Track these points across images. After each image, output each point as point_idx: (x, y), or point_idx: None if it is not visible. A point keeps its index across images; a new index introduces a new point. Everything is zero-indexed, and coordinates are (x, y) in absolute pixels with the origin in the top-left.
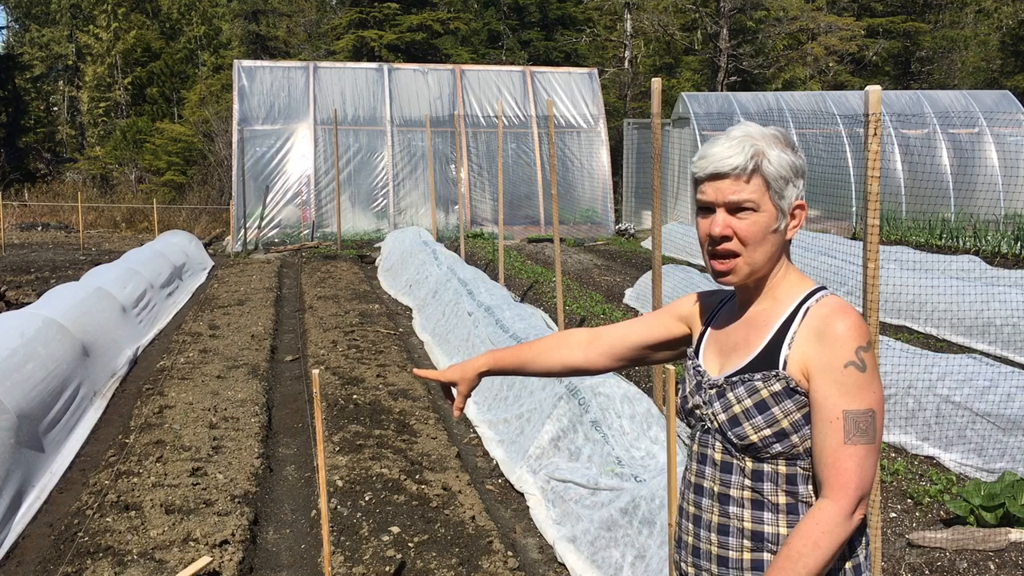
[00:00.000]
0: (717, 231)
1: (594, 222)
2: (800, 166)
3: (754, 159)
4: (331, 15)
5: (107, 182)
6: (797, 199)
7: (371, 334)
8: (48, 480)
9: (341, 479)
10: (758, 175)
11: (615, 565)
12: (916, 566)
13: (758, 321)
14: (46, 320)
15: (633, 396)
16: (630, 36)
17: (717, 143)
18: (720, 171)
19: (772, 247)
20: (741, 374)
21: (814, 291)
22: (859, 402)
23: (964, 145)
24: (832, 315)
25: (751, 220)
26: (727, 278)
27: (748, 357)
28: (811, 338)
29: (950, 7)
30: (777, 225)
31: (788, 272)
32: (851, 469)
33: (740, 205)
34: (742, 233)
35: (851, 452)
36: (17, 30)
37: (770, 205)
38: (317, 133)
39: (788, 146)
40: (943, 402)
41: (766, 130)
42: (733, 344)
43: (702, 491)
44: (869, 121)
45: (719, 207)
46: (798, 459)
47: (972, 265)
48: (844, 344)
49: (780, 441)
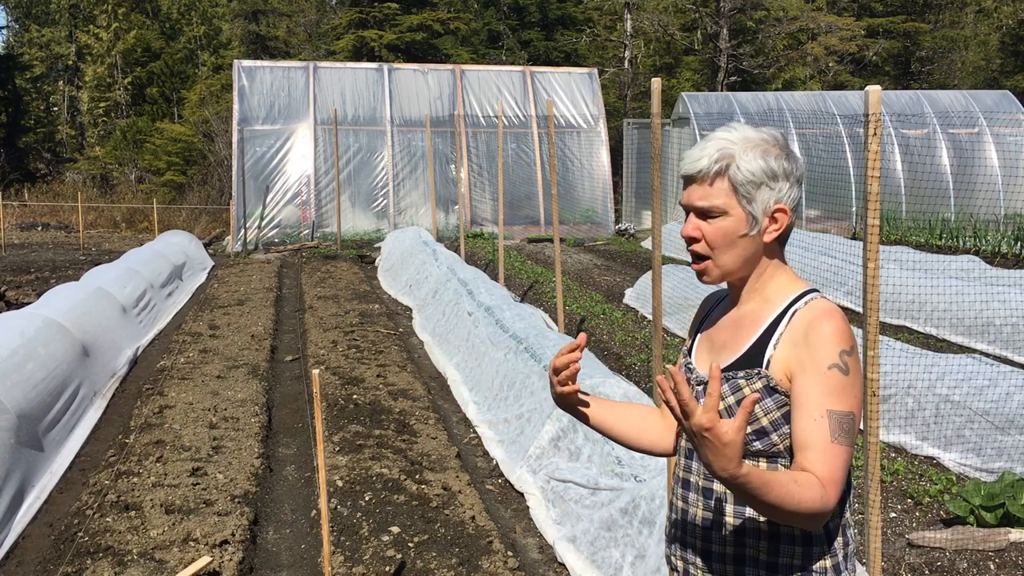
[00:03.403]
0: (686, 232)
1: (594, 222)
2: (780, 170)
3: (720, 163)
4: (331, 15)
5: (107, 182)
6: (776, 203)
7: (371, 334)
8: (48, 480)
9: (341, 479)
10: (723, 179)
11: (615, 565)
12: (916, 566)
13: (746, 321)
14: (46, 320)
15: (633, 396)
16: (630, 36)
17: (696, 146)
18: (688, 173)
19: (742, 251)
20: (726, 372)
21: (804, 293)
22: (842, 404)
23: (964, 145)
24: (818, 318)
25: (716, 225)
26: (702, 278)
27: (734, 355)
28: (796, 340)
29: (950, 7)
30: (747, 230)
31: (778, 272)
32: (838, 468)
33: (706, 211)
34: (708, 237)
35: (837, 451)
36: (17, 30)
37: (739, 210)
38: (317, 133)
39: (772, 149)
40: (943, 402)
41: (751, 133)
42: (722, 342)
43: (688, 485)
44: (869, 121)
45: (691, 210)
46: (778, 457)
47: (972, 265)
48: (828, 347)
49: (760, 439)
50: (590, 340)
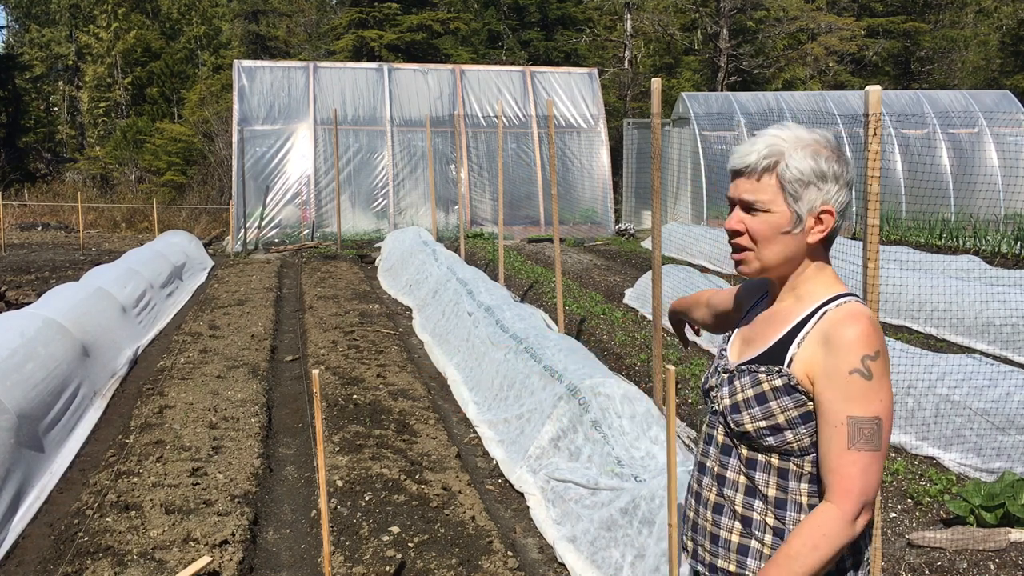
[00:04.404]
0: (730, 225)
1: (594, 222)
2: (829, 172)
3: (768, 159)
4: (331, 15)
5: (107, 182)
6: (823, 204)
7: (371, 334)
8: (48, 480)
9: (341, 479)
10: (771, 175)
11: (615, 565)
12: (916, 566)
13: (777, 318)
14: (46, 320)
15: (633, 396)
16: (630, 36)
17: (747, 141)
18: (736, 167)
19: (784, 247)
20: (750, 364)
21: (839, 296)
22: (864, 409)
23: (964, 145)
24: (842, 322)
25: (761, 219)
26: (740, 268)
27: (760, 349)
28: (819, 342)
29: (950, 7)
30: (791, 228)
31: (818, 274)
32: (854, 475)
33: (751, 205)
34: (752, 230)
35: (855, 458)
36: (17, 30)
37: (784, 207)
38: (317, 133)
39: (823, 151)
40: (943, 402)
41: (803, 133)
42: (753, 336)
43: (704, 470)
44: (869, 121)
45: (736, 203)
46: (791, 455)
47: (972, 265)
48: (850, 351)
49: (774, 435)
50: (590, 340)
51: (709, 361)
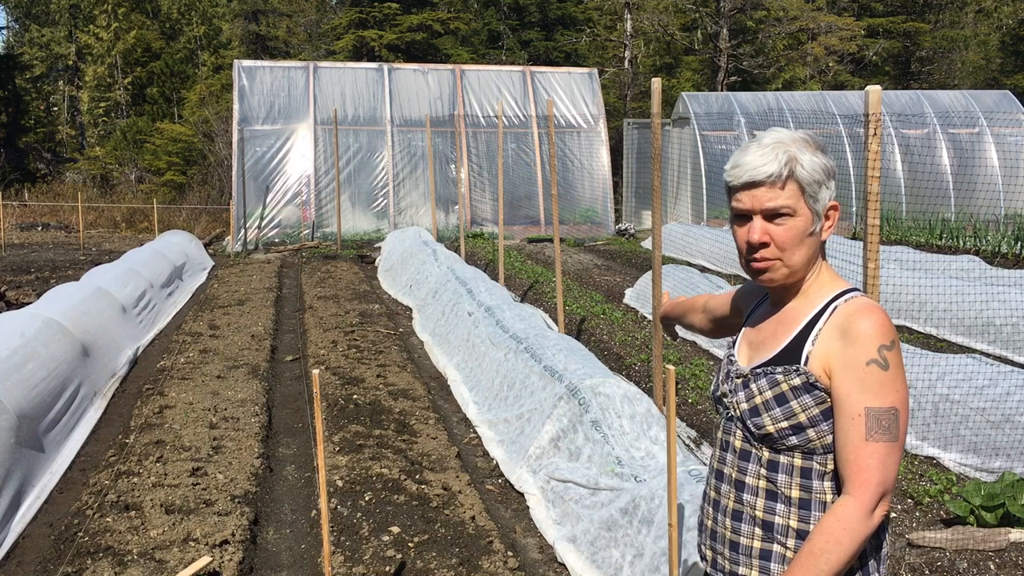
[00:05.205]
0: (755, 238)
1: (594, 222)
2: (831, 168)
3: (788, 165)
4: (331, 15)
5: (107, 182)
6: (830, 201)
7: (371, 334)
8: (48, 480)
9: (341, 479)
10: (792, 180)
11: (615, 565)
12: (916, 566)
13: (787, 318)
14: (46, 320)
15: (633, 396)
16: (630, 36)
17: (749, 151)
18: (755, 179)
19: (809, 250)
20: (765, 367)
21: (845, 291)
22: (881, 399)
23: (964, 145)
24: (856, 313)
25: (788, 225)
26: (765, 276)
27: (774, 351)
28: (835, 336)
29: (950, 7)
30: (813, 228)
31: (822, 272)
32: (873, 466)
33: (777, 211)
34: (779, 239)
35: (873, 449)
36: (17, 30)
37: (805, 209)
38: (317, 133)
39: (819, 149)
40: (943, 401)
41: (795, 134)
42: (763, 339)
43: (722, 477)
44: (869, 121)
45: (756, 214)
46: (814, 454)
47: (972, 265)
48: (867, 342)
49: (796, 434)
50: (590, 340)
51: (709, 361)
